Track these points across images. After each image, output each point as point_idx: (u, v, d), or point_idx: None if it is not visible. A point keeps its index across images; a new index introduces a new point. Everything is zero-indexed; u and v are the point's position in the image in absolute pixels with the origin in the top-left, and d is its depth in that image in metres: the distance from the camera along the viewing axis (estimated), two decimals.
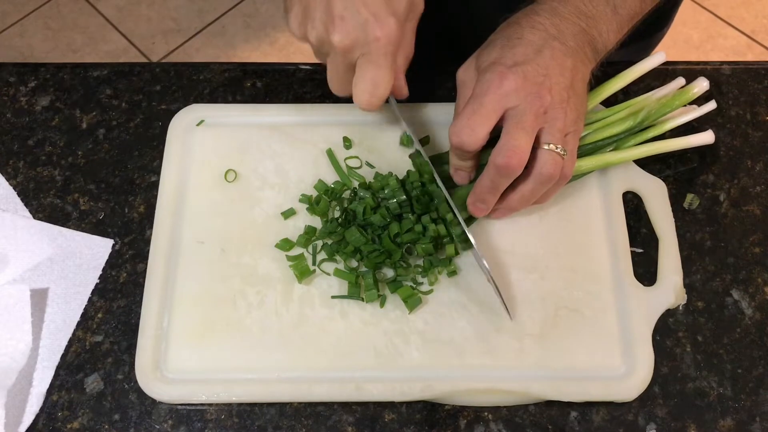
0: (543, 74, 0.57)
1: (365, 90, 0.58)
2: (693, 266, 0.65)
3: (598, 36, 0.61)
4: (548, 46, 0.57)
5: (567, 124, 0.58)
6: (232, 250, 0.64)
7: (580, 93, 0.59)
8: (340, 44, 0.56)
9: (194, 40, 1.95)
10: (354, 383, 0.58)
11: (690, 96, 0.66)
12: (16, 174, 0.70)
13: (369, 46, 0.56)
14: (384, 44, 0.56)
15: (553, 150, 0.57)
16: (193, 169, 0.68)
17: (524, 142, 0.56)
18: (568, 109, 0.57)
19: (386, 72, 0.57)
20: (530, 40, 0.58)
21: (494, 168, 0.57)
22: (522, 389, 0.58)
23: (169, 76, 0.75)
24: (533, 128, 0.56)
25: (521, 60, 0.57)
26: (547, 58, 0.57)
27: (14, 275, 0.64)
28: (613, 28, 0.62)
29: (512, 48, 0.58)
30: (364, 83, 0.58)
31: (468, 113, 0.57)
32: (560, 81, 0.57)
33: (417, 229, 0.62)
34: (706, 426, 0.58)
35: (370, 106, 0.59)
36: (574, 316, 0.61)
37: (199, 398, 0.58)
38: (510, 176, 0.57)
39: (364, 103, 0.59)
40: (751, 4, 1.96)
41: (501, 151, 0.56)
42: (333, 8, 0.55)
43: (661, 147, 0.66)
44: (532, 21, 0.59)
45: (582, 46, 0.59)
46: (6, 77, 0.75)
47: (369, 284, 0.61)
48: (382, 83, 0.58)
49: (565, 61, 0.58)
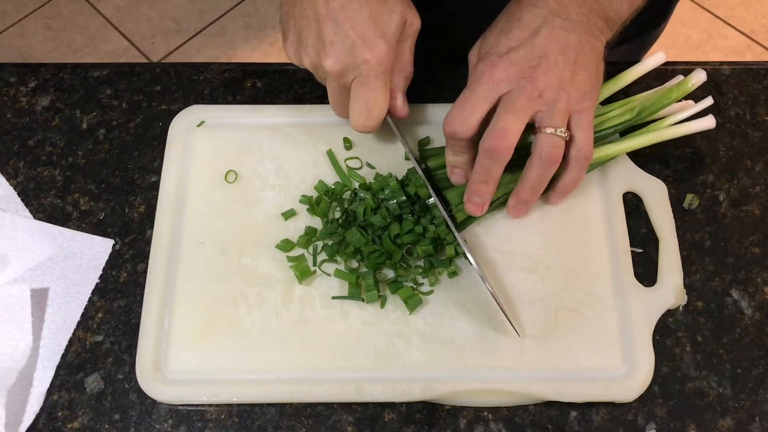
0: (539, 56, 0.56)
1: (360, 113, 0.60)
2: (693, 266, 0.65)
3: (608, 4, 0.60)
4: (547, 25, 0.57)
5: (571, 104, 0.57)
6: (232, 250, 0.64)
7: (588, 67, 0.58)
8: (331, 69, 0.57)
9: (194, 41, 1.95)
10: (354, 384, 0.58)
11: (688, 88, 0.65)
12: (17, 174, 0.70)
13: (359, 69, 0.57)
14: (374, 66, 0.57)
15: (552, 133, 0.57)
16: (193, 169, 0.68)
17: (511, 124, 0.56)
18: (570, 88, 0.57)
19: (379, 94, 0.58)
20: (528, 21, 0.57)
21: (483, 152, 0.57)
22: (522, 390, 0.58)
23: (169, 76, 0.75)
24: (524, 111, 0.56)
25: (515, 45, 0.57)
26: (544, 39, 0.56)
27: (14, 275, 0.64)
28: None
29: (508, 32, 0.58)
30: (359, 106, 0.59)
31: (460, 102, 0.57)
32: (559, 60, 0.56)
33: (417, 230, 0.62)
34: (706, 426, 0.58)
35: (366, 129, 0.61)
36: (575, 316, 0.61)
37: (200, 399, 0.58)
38: (499, 159, 0.57)
39: (360, 126, 0.61)
40: (751, 4, 1.96)
41: (488, 134, 0.56)
42: (324, 34, 0.57)
43: (662, 135, 0.65)
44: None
45: (588, 16, 0.58)
46: (6, 77, 0.75)
47: (369, 285, 0.61)
48: (376, 106, 0.59)
49: (568, 37, 0.57)
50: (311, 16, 0.57)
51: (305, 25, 0.58)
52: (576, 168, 0.60)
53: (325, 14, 0.57)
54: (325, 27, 0.57)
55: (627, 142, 0.65)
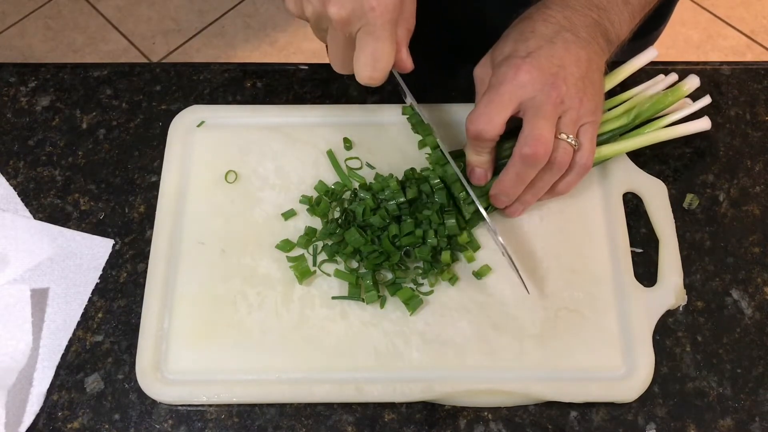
0: (557, 64, 0.57)
1: (366, 64, 0.56)
2: (692, 266, 0.65)
3: (611, 26, 0.61)
4: (561, 38, 0.58)
5: (582, 115, 0.58)
6: (232, 250, 0.64)
7: (596, 83, 0.60)
8: (336, 17, 0.54)
9: (194, 41, 1.95)
10: (354, 384, 0.58)
11: (682, 93, 0.66)
12: (17, 174, 0.70)
13: (366, 18, 0.54)
14: (381, 14, 0.54)
15: (564, 140, 0.58)
16: (193, 170, 0.68)
17: (547, 131, 0.56)
18: (584, 99, 0.58)
19: (386, 44, 0.55)
20: (543, 32, 0.58)
21: (520, 158, 0.57)
22: (522, 390, 0.58)
23: (169, 76, 0.75)
24: (553, 117, 0.57)
25: (534, 50, 0.57)
26: (560, 49, 0.57)
27: (14, 275, 0.64)
28: (625, 18, 0.62)
29: (525, 41, 0.58)
30: (365, 57, 0.56)
31: (485, 102, 0.57)
32: (575, 72, 0.57)
33: (417, 233, 0.62)
34: (706, 426, 0.58)
35: (372, 81, 0.57)
36: (575, 316, 0.61)
37: (200, 399, 0.58)
38: (536, 166, 0.58)
39: (366, 78, 0.57)
40: (751, 4, 1.96)
41: (526, 140, 0.56)
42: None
43: (659, 136, 0.66)
44: (544, 14, 0.60)
45: (595, 36, 0.60)
46: (6, 77, 0.75)
47: (368, 286, 0.61)
48: (383, 56, 0.56)
49: (579, 52, 0.58)
50: None
51: None
52: (575, 175, 0.61)
53: None
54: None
55: (624, 143, 0.65)
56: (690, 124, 0.66)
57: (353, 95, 0.74)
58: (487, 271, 0.63)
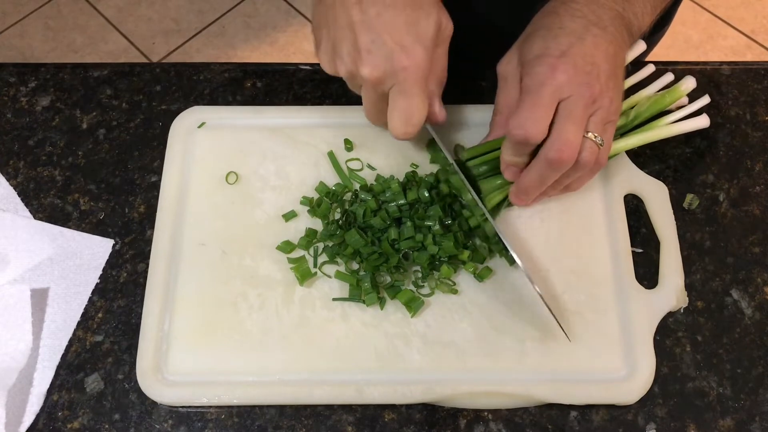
0: (590, 63, 0.56)
1: (400, 120, 0.58)
2: (693, 266, 0.65)
3: (634, 18, 0.61)
4: (590, 34, 0.57)
5: (609, 113, 0.58)
6: (233, 252, 0.64)
7: (620, 80, 0.59)
8: (369, 77, 0.56)
9: (194, 41, 1.95)
10: (355, 385, 0.58)
11: (679, 94, 0.66)
12: (17, 174, 0.70)
13: (398, 77, 0.56)
14: (413, 73, 0.56)
15: (591, 139, 0.57)
16: (194, 171, 0.68)
17: (575, 136, 0.56)
18: (614, 98, 0.58)
19: (418, 101, 0.57)
20: (571, 28, 0.57)
21: (545, 162, 0.57)
22: (523, 392, 0.58)
23: (169, 76, 0.75)
24: (583, 120, 0.56)
25: (567, 49, 0.56)
26: (590, 46, 0.57)
27: (15, 275, 0.64)
28: (648, 10, 0.62)
29: (555, 38, 0.57)
30: (398, 114, 0.58)
31: (529, 106, 0.56)
32: (606, 69, 0.57)
33: (417, 238, 0.62)
34: (706, 426, 0.58)
35: (406, 136, 0.59)
36: (576, 318, 0.61)
37: (200, 400, 0.58)
38: (560, 170, 0.57)
39: (400, 134, 0.59)
40: (751, 4, 1.96)
41: (553, 145, 0.56)
42: (360, 42, 0.55)
43: (658, 134, 0.66)
44: (570, 9, 0.59)
45: (620, 30, 0.59)
46: (6, 77, 0.75)
47: (368, 288, 0.61)
48: (415, 112, 0.57)
49: (608, 48, 0.57)
50: (345, 24, 0.56)
51: (340, 33, 0.56)
52: (591, 172, 0.61)
53: (360, 21, 0.55)
54: (361, 35, 0.55)
55: (623, 141, 0.65)
56: (689, 122, 0.66)
57: (354, 96, 0.73)
58: (488, 273, 0.63)
